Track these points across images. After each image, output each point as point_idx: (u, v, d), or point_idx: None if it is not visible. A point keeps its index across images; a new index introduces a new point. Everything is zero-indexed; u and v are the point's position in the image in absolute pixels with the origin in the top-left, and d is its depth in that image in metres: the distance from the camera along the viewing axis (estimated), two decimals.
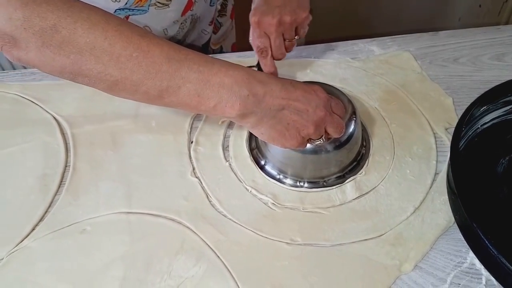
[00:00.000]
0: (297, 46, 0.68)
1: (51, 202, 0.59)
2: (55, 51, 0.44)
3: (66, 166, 0.63)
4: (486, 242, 0.49)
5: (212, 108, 0.48)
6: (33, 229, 0.56)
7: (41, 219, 0.57)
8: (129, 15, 0.71)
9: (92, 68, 0.45)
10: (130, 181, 0.61)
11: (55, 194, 0.60)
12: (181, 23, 0.77)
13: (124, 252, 0.54)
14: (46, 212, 0.58)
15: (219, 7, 0.87)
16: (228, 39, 0.96)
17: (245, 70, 0.50)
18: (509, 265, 0.47)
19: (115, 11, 0.69)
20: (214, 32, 0.89)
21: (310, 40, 0.86)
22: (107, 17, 0.45)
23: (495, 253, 0.48)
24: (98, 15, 0.45)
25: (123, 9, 0.69)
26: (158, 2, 0.71)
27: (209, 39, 0.88)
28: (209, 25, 0.85)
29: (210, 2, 0.81)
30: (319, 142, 0.55)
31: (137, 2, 0.69)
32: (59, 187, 0.60)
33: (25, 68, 0.77)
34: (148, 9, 0.71)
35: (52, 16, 0.42)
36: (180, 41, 0.81)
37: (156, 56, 0.46)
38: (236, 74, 0.49)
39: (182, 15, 0.76)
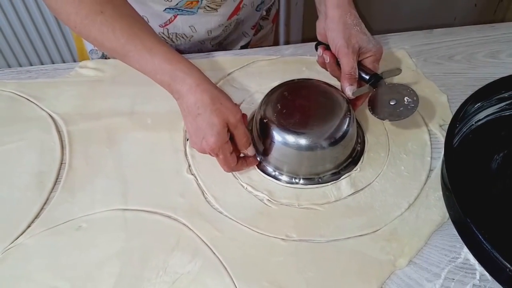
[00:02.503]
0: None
1: (47, 199, 0.59)
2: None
3: (62, 163, 0.63)
4: (480, 237, 0.49)
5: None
6: (28, 226, 0.56)
7: (36, 216, 0.57)
8: (177, 14, 0.73)
9: None
10: (126, 178, 0.61)
11: (51, 191, 0.60)
12: (226, 26, 0.80)
13: (120, 249, 0.54)
14: (42, 209, 0.58)
15: (264, 12, 0.88)
16: (267, 41, 0.97)
17: (169, 76, 0.56)
18: (502, 259, 0.47)
19: (164, 10, 0.72)
20: (254, 34, 0.91)
21: (306, 38, 0.87)
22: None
23: (489, 248, 0.48)
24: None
25: (172, 8, 0.72)
26: (208, 6, 0.73)
27: (249, 41, 0.89)
28: (252, 28, 0.87)
29: (257, 8, 0.82)
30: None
31: (187, 4, 0.71)
32: (54, 184, 0.60)
33: (20, 66, 0.77)
34: (197, 11, 0.73)
35: None
36: (220, 42, 0.84)
37: (107, 47, 0.58)
38: (160, 79, 0.57)
39: (228, 19, 0.78)
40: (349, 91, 0.61)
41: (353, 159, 0.63)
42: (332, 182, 0.61)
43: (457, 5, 1.62)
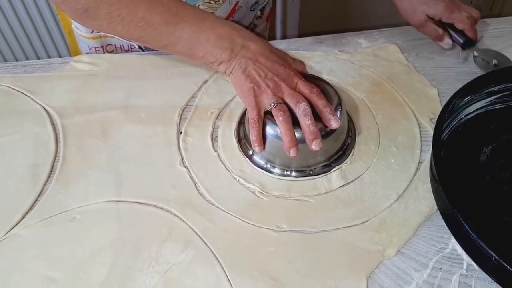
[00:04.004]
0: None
1: (41, 191, 0.59)
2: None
3: (56, 156, 0.63)
4: (467, 227, 0.50)
5: (201, 58, 0.62)
6: (23, 217, 0.57)
7: (31, 208, 0.58)
8: None
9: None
10: (120, 171, 0.62)
11: (45, 183, 0.60)
12: None
13: (113, 240, 0.55)
14: (36, 200, 0.58)
15: (259, 12, 0.89)
16: None
17: (230, 26, 0.61)
18: (488, 249, 0.48)
19: None
20: None
21: (302, 34, 0.88)
22: None
23: (475, 238, 0.49)
24: None
25: None
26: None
27: None
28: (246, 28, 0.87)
29: (251, 8, 0.83)
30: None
31: None
32: (49, 176, 0.61)
33: (16, 60, 0.78)
34: None
35: None
36: None
37: (157, 23, 0.59)
38: (221, 30, 0.60)
39: None
40: (443, 45, 0.77)
41: (344, 151, 0.64)
42: (323, 175, 0.61)
43: None
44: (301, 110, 0.57)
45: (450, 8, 0.73)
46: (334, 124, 0.57)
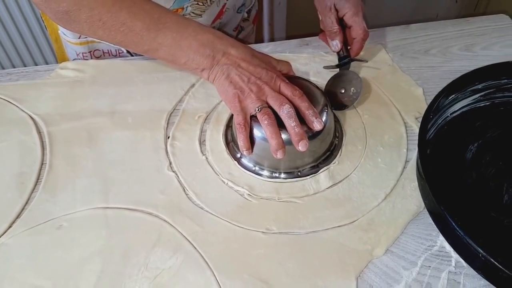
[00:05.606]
0: None
1: (28, 199, 0.59)
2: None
3: (42, 163, 0.63)
4: (453, 224, 0.50)
5: (183, 64, 0.61)
6: (10, 226, 0.56)
7: (18, 216, 0.57)
8: None
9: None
10: (107, 177, 0.61)
11: (32, 192, 0.60)
12: None
13: (101, 246, 0.54)
14: (23, 209, 0.58)
15: (245, 14, 0.89)
16: (248, 42, 0.98)
17: (212, 33, 0.61)
18: (476, 246, 0.49)
19: None
20: (236, 36, 0.91)
21: (290, 36, 0.88)
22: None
23: (462, 234, 0.49)
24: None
25: None
26: (192, 12, 0.74)
27: None
28: (233, 31, 0.88)
29: (238, 10, 0.83)
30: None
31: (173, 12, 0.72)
32: (35, 184, 0.61)
33: (3, 68, 0.77)
34: None
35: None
36: None
37: (138, 29, 0.59)
38: (203, 37, 0.60)
39: (211, 24, 0.79)
40: (331, 45, 0.71)
41: (331, 152, 0.64)
42: (311, 176, 0.61)
43: (439, 3, 1.64)
44: (285, 113, 0.57)
45: (357, 8, 0.68)
46: (316, 126, 0.58)
